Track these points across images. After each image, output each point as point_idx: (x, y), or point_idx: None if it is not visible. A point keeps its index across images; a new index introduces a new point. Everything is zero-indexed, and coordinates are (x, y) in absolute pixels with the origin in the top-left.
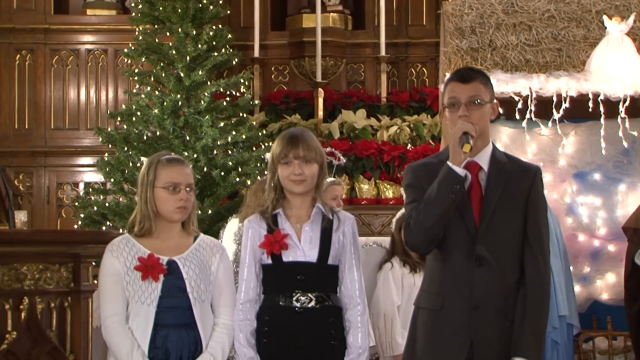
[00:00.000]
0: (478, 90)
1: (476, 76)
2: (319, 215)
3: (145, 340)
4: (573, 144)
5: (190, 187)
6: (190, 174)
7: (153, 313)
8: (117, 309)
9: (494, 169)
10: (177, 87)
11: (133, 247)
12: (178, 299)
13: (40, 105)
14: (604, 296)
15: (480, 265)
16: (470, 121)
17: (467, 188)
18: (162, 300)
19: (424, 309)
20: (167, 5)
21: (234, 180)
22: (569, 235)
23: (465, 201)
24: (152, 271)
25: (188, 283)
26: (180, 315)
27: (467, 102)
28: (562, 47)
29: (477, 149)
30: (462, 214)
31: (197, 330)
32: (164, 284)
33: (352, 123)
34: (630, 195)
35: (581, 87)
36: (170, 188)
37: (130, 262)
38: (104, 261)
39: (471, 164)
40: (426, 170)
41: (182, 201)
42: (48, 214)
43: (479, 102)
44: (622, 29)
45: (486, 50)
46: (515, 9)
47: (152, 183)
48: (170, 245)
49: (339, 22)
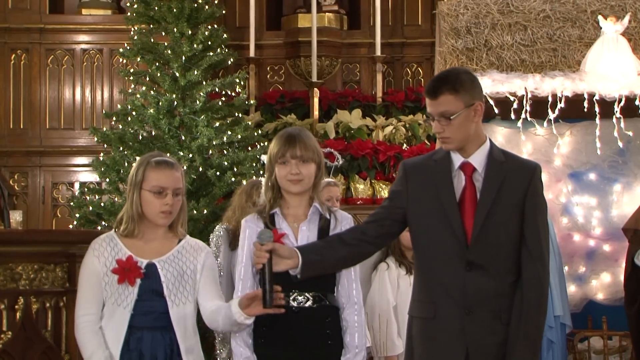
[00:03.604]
0: (447, 104)
1: (444, 89)
2: (316, 214)
3: (119, 342)
4: (568, 144)
5: (178, 192)
6: (179, 178)
7: (128, 316)
8: (90, 310)
9: (490, 168)
10: (173, 86)
11: (115, 248)
12: (154, 302)
13: (35, 105)
14: (599, 296)
15: (470, 270)
16: (446, 135)
17: (461, 190)
18: (138, 303)
19: (418, 317)
20: (163, 5)
21: (230, 180)
22: (565, 235)
23: (453, 208)
24: (128, 275)
25: (165, 286)
26: (156, 318)
27: (439, 117)
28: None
29: (470, 150)
30: (450, 220)
31: (173, 332)
32: (140, 288)
33: (348, 123)
34: (625, 195)
35: (576, 87)
36: (156, 192)
37: (110, 263)
38: (85, 259)
39: (465, 164)
40: (419, 170)
41: (167, 206)
42: (43, 214)
43: (448, 116)
44: (617, 29)
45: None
46: (511, 9)
47: (139, 184)
48: (152, 247)
49: (335, 22)
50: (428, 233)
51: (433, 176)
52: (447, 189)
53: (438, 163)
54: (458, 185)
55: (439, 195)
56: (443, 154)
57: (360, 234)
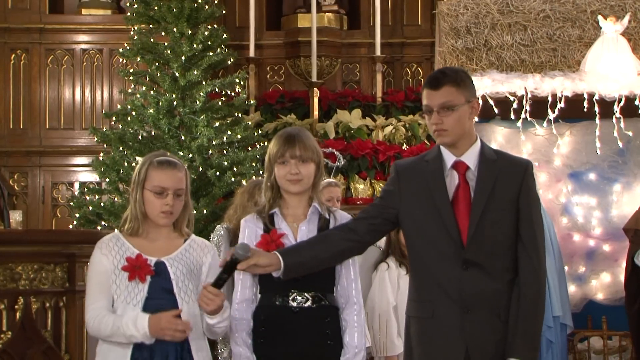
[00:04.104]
0: (449, 95)
1: (446, 80)
2: (315, 214)
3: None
4: (568, 144)
5: (180, 192)
6: (181, 179)
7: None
8: (99, 302)
9: (483, 167)
10: (173, 86)
11: (122, 246)
12: (164, 300)
13: (35, 105)
14: (599, 296)
15: (466, 268)
16: (442, 127)
17: (455, 189)
18: (148, 301)
19: (415, 317)
20: (163, 5)
21: (230, 180)
22: (564, 235)
23: (447, 207)
24: (139, 272)
25: (175, 284)
26: None
27: (439, 109)
28: (557, 47)
29: (463, 149)
30: (444, 220)
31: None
32: (150, 285)
33: (348, 123)
34: (625, 195)
35: (576, 87)
36: (157, 192)
37: (118, 261)
38: (92, 258)
39: (458, 163)
40: (411, 171)
41: (167, 206)
42: (43, 214)
43: (449, 107)
44: (617, 29)
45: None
46: (511, 9)
47: (142, 184)
48: (159, 245)
49: (335, 22)
50: (423, 233)
51: (425, 176)
52: (440, 188)
53: (430, 163)
54: (451, 184)
55: (432, 194)
56: (435, 154)
57: (348, 231)
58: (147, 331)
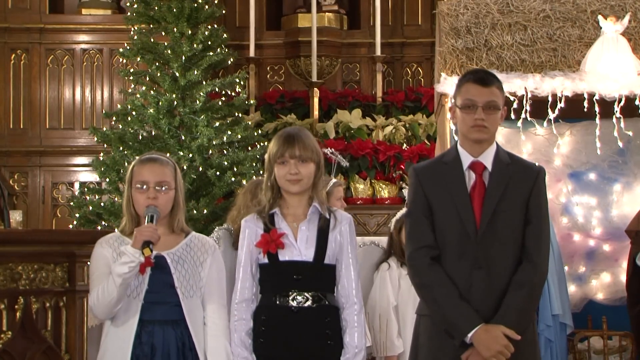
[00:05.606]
0: (495, 95)
1: (494, 81)
2: (315, 214)
3: (130, 335)
4: (568, 143)
5: (163, 185)
6: (163, 173)
7: (139, 307)
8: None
9: (497, 169)
10: (173, 86)
11: (123, 242)
12: (165, 294)
13: (35, 105)
14: (599, 296)
15: (479, 268)
16: (484, 124)
17: (471, 188)
18: (148, 294)
19: (426, 316)
20: (163, 5)
21: (230, 180)
22: (565, 235)
23: (466, 203)
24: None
25: (176, 278)
26: (167, 311)
27: (485, 106)
28: (557, 47)
29: (482, 149)
30: (461, 216)
31: (185, 326)
32: (151, 279)
33: (348, 123)
34: (625, 195)
35: (576, 87)
36: (140, 187)
37: (118, 254)
38: (93, 254)
39: (476, 163)
40: (430, 173)
41: (148, 199)
42: (43, 214)
43: (495, 107)
44: (617, 29)
45: (481, 50)
46: (511, 9)
47: (130, 183)
48: (159, 241)
49: (335, 21)
50: (440, 231)
51: (445, 176)
52: (460, 186)
53: (449, 165)
54: (468, 183)
55: (451, 193)
56: (453, 156)
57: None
58: (131, 246)
